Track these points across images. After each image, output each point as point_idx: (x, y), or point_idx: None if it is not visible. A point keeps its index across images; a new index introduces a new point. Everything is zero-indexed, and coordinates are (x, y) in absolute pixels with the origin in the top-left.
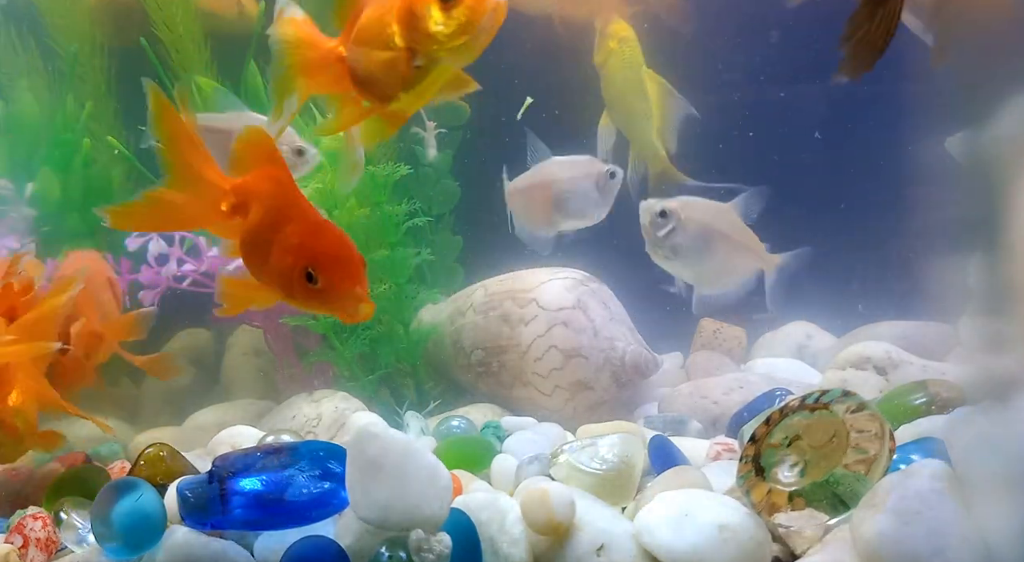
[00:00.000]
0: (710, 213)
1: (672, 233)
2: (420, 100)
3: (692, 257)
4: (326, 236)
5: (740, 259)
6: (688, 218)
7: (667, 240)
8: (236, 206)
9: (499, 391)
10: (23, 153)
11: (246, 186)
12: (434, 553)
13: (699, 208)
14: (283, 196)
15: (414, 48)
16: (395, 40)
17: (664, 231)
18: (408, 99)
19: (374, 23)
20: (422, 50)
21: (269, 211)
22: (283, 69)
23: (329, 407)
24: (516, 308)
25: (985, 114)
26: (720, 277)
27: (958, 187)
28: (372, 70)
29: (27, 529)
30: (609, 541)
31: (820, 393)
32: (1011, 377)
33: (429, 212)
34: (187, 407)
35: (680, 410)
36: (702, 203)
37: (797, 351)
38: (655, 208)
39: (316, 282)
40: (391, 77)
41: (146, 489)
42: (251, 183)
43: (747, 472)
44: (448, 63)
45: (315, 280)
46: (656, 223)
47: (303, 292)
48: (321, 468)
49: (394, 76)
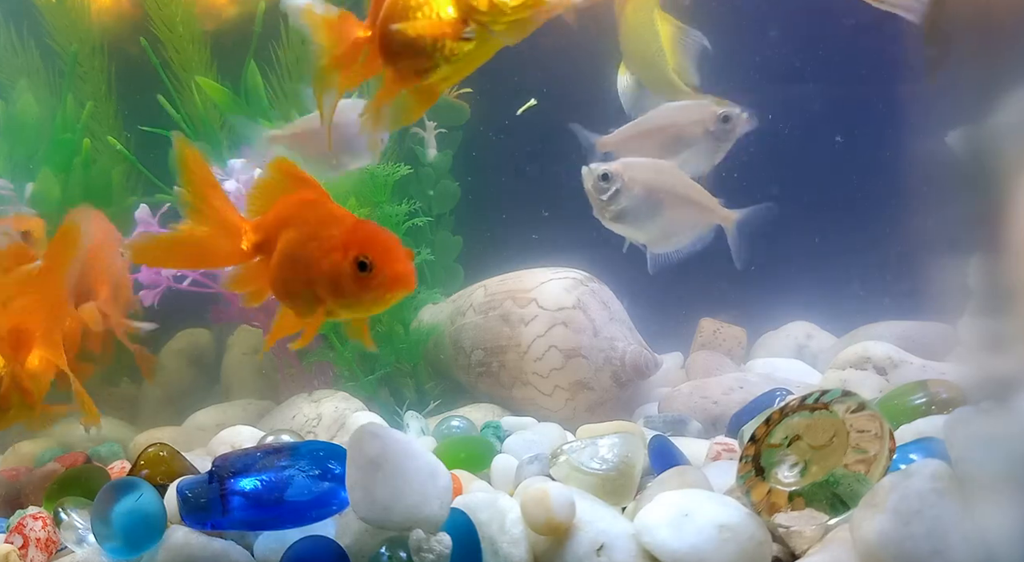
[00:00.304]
0: (653, 172)
1: (616, 195)
2: (458, 74)
3: (640, 218)
4: (367, 226)
5: (690, 215)
6: (631, 179)
7: (612, 203)
8: (258, 244)
9: (499, 391)
10: (23, 153)
11: (267, 221)
12: (434, 553)
13: (641, 168)
14: (317, 212)
15: (468, 17)
16: (446, 8)
17: (608, 194)
18: (445, 71)
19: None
20: (478, 20)
21: (303, 228)
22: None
23: (329, 407)
24: (516, 308)
25: (984, 112)
26: (671, 235)
27: (958, 187)
28: (414, 38)
29: (27, 529)
30: (609, 541)
31: (820, 393)
32: (1011, 377)
33: (429, 212)
34: (187, 407)
35: (680, 410)
36: (644, 163)
37: (797, 351)
38: (597, 171)
39: (369, 269)
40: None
41: (146, 489)
42: (274, 216)
43: (747, 472)
44: (500, 38)
45: (367, 266)
46: (599, 187)
47: (355, 283)
48: (321, 468)
49: (439, 46)
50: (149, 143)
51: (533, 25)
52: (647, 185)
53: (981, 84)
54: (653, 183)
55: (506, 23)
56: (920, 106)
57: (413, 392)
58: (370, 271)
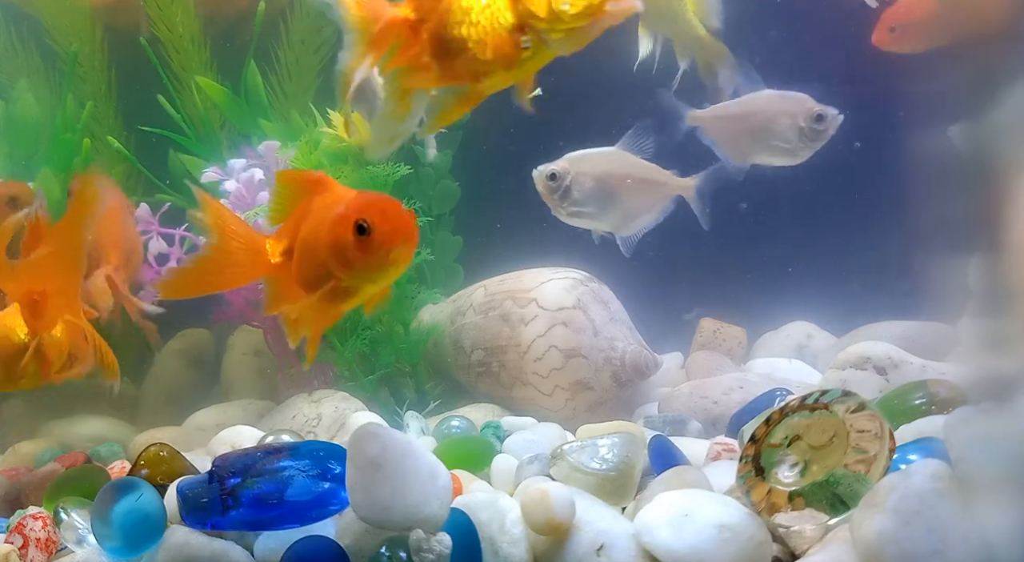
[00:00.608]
0: (600, 161)
1: (568, 192)
2: (510, 81)
3: (596, 208)
4: (364, 194)
5: (647, 194)
6: (579, 173)
7: (566, 200)
8: (284, 252)
9: (499, 391)
10: (23, 153)
11: (287, 228)
12: (434, 553)
13: (587, 160)
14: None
15: (526, 25)
16: (505, 15)
17: (559, 192)
18: (499, 79)
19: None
20: (537, 28)
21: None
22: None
23: (329, 407)
24: (516, 308)
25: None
26: (633, 218)
27: (958, 186)
28: (471, 46)
29: (27, 529)
30: (609, 541)
31: (820, 393)
32: (1011, 377)
33: (429, 212)
34: (187, 407)
35: (680, 410)
36: (589, 153)
37: (797, 351)
38: (544, 173)
39: (368, 231)
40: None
41: (146, 489)
42: (292, 220)
43: (747, 472)
44: (558, 47)
45: (367, 229)
46: (550, 187)
47: (358, 249)
48: (321, 468)
49: (496, 54)
50: (149, 143)
51: (590, 35)
52: (595, 176)
53: (978, 83)
54: (601, 172)
55: (563, 31)
56: (920, 105)
57: (413, 392)
58: (369, 233)
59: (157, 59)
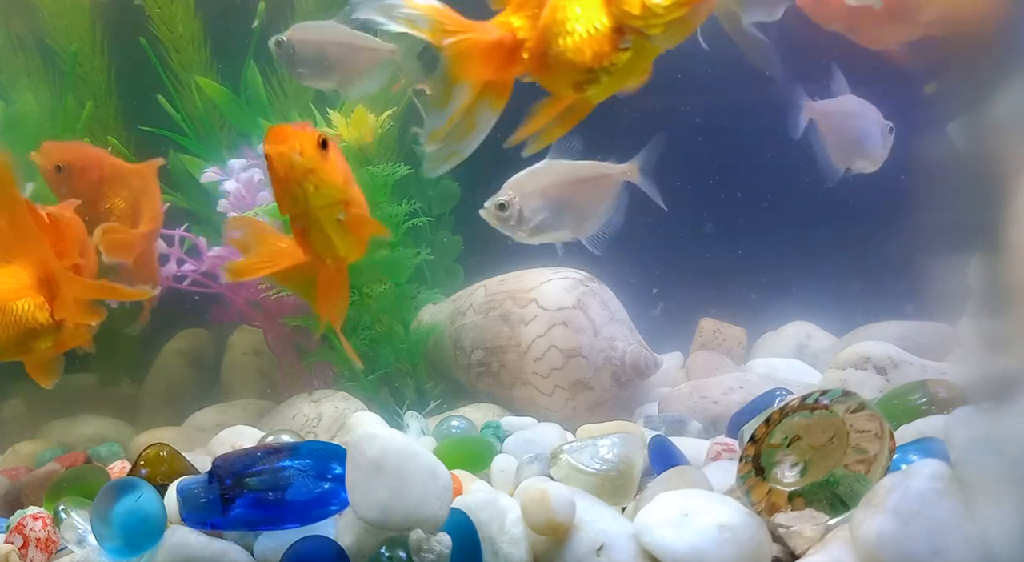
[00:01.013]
0: (538, 176)
1: (520, 216)
2: (617, 86)
3: (552, 220)
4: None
5: (594, 191)
6: (524, 194)
7: (522, 224)
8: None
9: (499, 391)
10: (23, 153)
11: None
12: (434, 553)
13: (526, 179)
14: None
15: (623, 26)
16: (601, 19)
17: (514, 219)
18: (605, 86)
19: (571, 3)
20: (634, 28)
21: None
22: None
23: (329, 407)
24: (516, 308)
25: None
26: (589, 218)
27: (958, 187)
28: (571, 55)
29: (27, 529)
30: (609, 541)
31: (820, 393)
32: (1011, 377)
33: (429, 212)
34: (187, 407)
35: (680, 410)
36: (525, 173)
37: (797, 351)
38: (492, 206)
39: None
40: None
41: (146, 489)
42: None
43: (747, 472)
44: (659, 42)
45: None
46: (501, 217)
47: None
48: (321, 468)
49: (598, 60)
50: (149, 143)
51: (690, 25)
52: (540, 191)
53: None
54: (545, 186)
55: (662, 26)
56: (921, 106)
57: (413, 392)
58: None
59: (157, 59)
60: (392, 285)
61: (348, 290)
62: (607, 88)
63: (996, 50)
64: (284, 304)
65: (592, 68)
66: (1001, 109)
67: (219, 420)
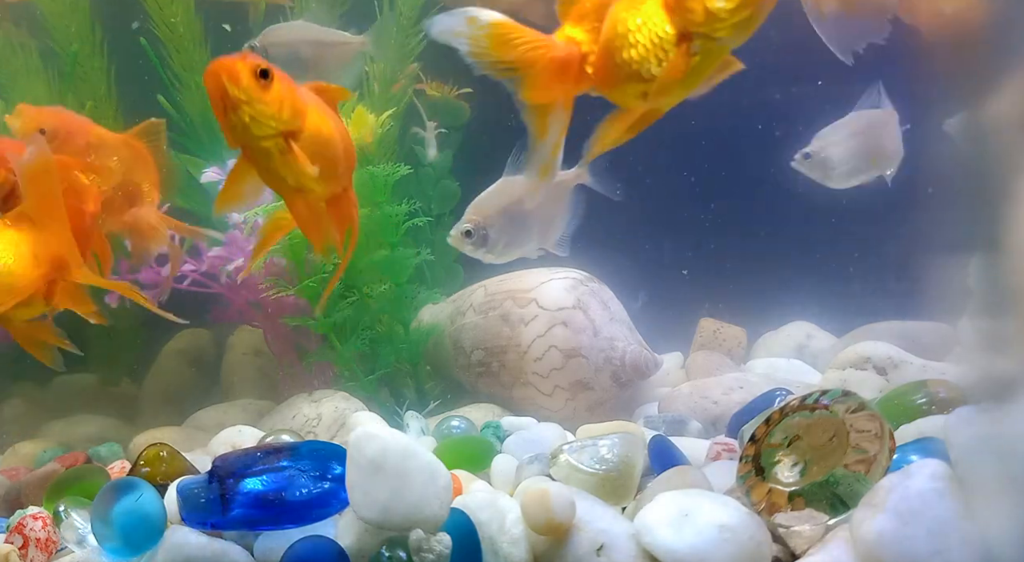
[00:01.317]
0: (495, 197)
1: (486, 238)
2: (686, 91)
3: (518, 236)
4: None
5: (551, 201)
6: (486, 217)
7: (491, 246)
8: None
9: (499, 391)
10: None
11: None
12: (434, 553)
13: (485, 202)
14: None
15: (689, 32)
16: (664, 28)
17: (485, 242)
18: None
19: (632, 14)
20: (700, 33)
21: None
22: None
23: (329, 407)
24: (516, 308)
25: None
26: (551, 226)
27: (958, 187)
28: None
29: (27, 529)
30: (609, 541)
31: (820, 393)
32: (1011, 377)
33: (429, 212)
34: (187, 407)
35: (680, 410)
36: (483, 196)
37: (797, 351)
38: (459, 235)
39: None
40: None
41: (146, 489)
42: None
43: (747, 472)
44: (726, 44)
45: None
46: (471, 244)
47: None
48: (321, 468)
49: (667, 68)
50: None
51: (756, 22)
52: (501, 211)
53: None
54: (504, 205)
55: (728, 28)
56: (920, 104)
57: (413, 392)
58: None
59: (157, 59)
60: (392, 285)
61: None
62: (676, 94)
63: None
64: (284, 304)
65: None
66: (1003, 106)
67: (219, 420)
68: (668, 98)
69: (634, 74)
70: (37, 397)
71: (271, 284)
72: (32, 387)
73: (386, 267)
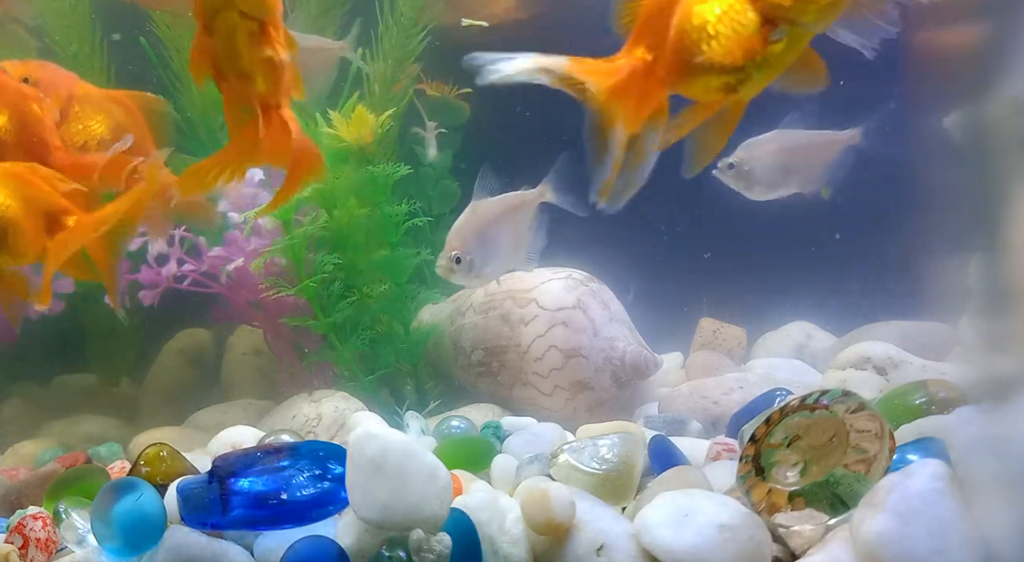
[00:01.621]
0: (472, 222)
1: (473, 264)
2: (769, 79)
3: (498, 257)
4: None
5: (520, 221)
6: (467, 243)
7: (477, 272)
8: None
9: (499, 391)
10: None
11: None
12: (434, 553)
13: (465, 227)
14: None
15: (772, 17)
16: (746, 15)
17: (471, 268)
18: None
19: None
20: (784, 16)
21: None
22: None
23: (329, 407)
24: (516, 308)
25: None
26: (523, 244)
27: (958, 187)
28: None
29: (27, 529)
30: (609, 541)
31: (820, 393)
32: (1011, 377)
33: (429, 212)
34: (187, 407)
35: (680, 410)
36: (461, 222)
37: (797, 351)
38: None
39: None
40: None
41: (146, 489)
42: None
43: (747, 472)
44: (813, 27)
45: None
46: (459, 269)
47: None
48: (321, 468)
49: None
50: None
51: (841, 5)
52: (478, 235)
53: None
54: (480, 230)
55: (816, 10)
56: (921, 105)
57: (413, 392)
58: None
59: (157, 59)
60: (392, 285)
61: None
62: (759, 83)
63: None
64: (284, 304)
65: (743, 67)
66: (1002, 106)
67: (219, 420)
68: (750, 88)
69: (715, 67)
70: (37, 397)
71: (271, 284)
72: (32, 387)
73: (386, 267)
